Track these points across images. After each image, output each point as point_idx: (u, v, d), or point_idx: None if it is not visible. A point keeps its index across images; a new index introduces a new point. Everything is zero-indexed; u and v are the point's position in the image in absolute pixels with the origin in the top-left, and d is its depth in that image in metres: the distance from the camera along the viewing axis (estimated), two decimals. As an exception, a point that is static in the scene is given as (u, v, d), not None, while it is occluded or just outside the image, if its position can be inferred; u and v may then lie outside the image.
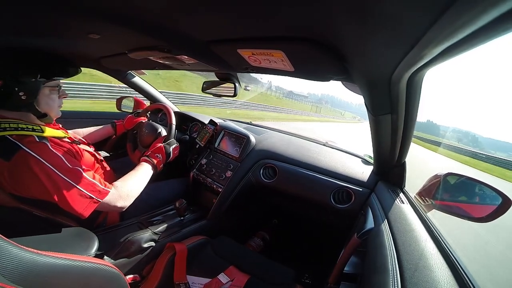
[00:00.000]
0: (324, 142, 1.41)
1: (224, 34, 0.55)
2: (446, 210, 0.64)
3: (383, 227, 0.63)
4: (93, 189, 0.70)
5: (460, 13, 0.22)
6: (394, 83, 0.48)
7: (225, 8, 0.41)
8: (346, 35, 0.39)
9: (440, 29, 0.26)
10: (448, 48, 0.31)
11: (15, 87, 0.66)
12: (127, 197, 0.79)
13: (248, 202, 1.30)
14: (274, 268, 0.89)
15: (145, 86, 1.57)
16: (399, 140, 0.72)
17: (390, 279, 0.44)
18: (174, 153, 1.08)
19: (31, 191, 0.65)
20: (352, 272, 0.68)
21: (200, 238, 0.97)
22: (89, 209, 0.69)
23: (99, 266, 0.49)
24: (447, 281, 0.41)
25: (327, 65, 0.56)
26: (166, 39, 0.61)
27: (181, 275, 0.78)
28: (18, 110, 0.70)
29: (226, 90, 1.09)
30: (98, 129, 1.19)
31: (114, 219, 0.94)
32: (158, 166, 0.98)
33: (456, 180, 0.67)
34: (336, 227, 1.13)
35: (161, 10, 0.46)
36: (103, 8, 0.47)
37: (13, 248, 0.36)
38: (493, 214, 0.55)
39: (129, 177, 0.85)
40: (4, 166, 0.62)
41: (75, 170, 0.69)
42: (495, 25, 0.23)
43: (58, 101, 0.79)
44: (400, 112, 0.59)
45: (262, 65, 0.65)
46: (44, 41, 0.72)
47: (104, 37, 0.66)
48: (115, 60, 1.01)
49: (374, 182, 1.00)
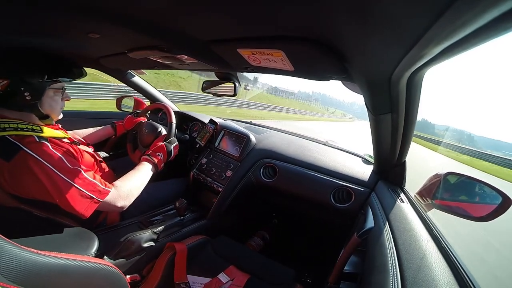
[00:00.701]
0: (325, 142, 1.41)
1: (224, 33, 0.54)
2: (446, 209, 0.64)
3: (383, 227, 0.63)
4: (94, 189, 0.70)
5: (460, 13, 0.22)
6: (394, 82, 0.48)
7: (225, 8, 0.40)
8: (346, 35, 0.39)
9: (440, 28, 0.26)
10: (448, 48, 0.31)
11: (21, 87, 0.66)
12: (127, 197, 0.80)
13: (248, 201, 1.30)
14: (274, 267, 0.89)
15: (145, 85, 1.57)
16: (399, 139, 0.72)
17: (390, 279, 0.44)
18: (174, 151, 1.08)
19: (32, 191, 0.65)
20: (352, 272, 0.68)
21: (200, 237, 0.97)
22: (90, 209, 0.69)
23: (99, 266, 0.49)
24: (447, 281, 0.41)
25: (327, 65, 0.56)
26: (166, 39, 0.61)
27: (182, 275, 0.78)
28: (20, 110, 0.70)
29: (226, 89, 1.09)
30: (98, 129, 1.19)
31: (114, 219, 0.94)
32: (159, 165, 0.98)
33: (456, 179, 0.67)
34: (336, 226, 1.13)
35: (161, 9, 0.46)
36: (103, 8, 0.47)
37: (13, 248, 0.36)
38: (493, 213, 0.55)
39: (129, 177, 0.85)
40: (4, 167, 0.62)
41: (75, 170, 0.69)
42: (495, 25, 0.23)
43: (61, 104, 0.79)
44: (400, 112, 0.59)
45: (262, 64, 0.64)
46: (44, 41, 0.72)
47: (104, 36, 0.66)
48: (115, 59, 1.01)
49: (374, 181, 1.00)
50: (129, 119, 1.27)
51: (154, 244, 0.87)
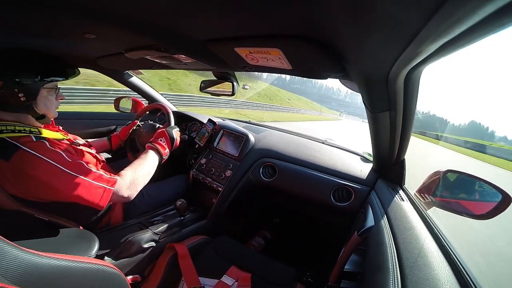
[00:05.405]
0: (323, 140, 1.41)
1: (221, 33, 0.54)
2: (446, 207, 0.64)
3: (383, 225, 0.63)
4: (102, 179, 0.70)
5: (455, 9, 0.22)
6: (391, 80, 0.47)
7: (222, 7, 0.40)
8: (342, 33, 0.39)
9: (435, 25, 0.26)
10: (444, 45, 0.31)
11: (15, 88, 0.66)
12: (132, 185, 0.78)
13: (248, 201, 1.30)
14: (275, 267, 0.89)
15: (142, 86, 1.57)
16: (398, 137, 0.72)
17: (390, 277, 0.44)
18: (178, 138, 1.03)
19: (37, 191, 0.64)
20: (352, 271, 0.68)
21: (200, 238, 0.97)
22: (105, 199, 0.68)
23: (100, 267, 0.49)
24: (447, 279, 0.41)
25: (324, 63, 0.56)
26: (162, 39, 0.61)
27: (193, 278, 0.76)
28: (16, 112, 0.70)
29: (224, 89, 1.09)
30: (94, 140, 1.16)
31: (117, 221, 0.94)
32: (163, 151, 0.94)
33: (455, 177, 0.67)
34: (336, 225, 1.13)
35: (157, 9, 0.46)
36: (99, 8, 0.47)
37: (14, 249, 0.36)
38: (493, 211, 0.55)
39: (133, 166, 0.83)
40: (5, 167, 0.62)
41: (78, 164, 0.69)
42: (491, 21, 0.23)
43: (56, 103, 0.79)
44: (398, 109, 0.59)
45: (259, 63, 0.64)
46: (41, 41, 0.72)
47: (100, 37, 0.66)
48: (112, 60, 1.01)
49: (374, 179, 1.00)
50: (123, 129, 1.23)
51: (154, 245, 0.87)
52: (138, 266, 0.81)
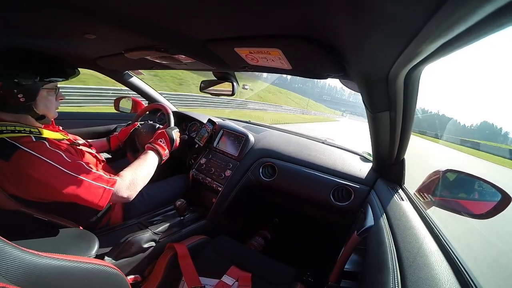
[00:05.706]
0: (323, 140, 1.41)
1: (221, 33, 0.54)
2: (445, 206, 0.64)
3: (383, 225, 0.63)
4: (101, 179, 0.70)
5: (455, 9, 0.22)
6: (391, 80, 0.47)
7: (222, 7, 0.40)
8: (343, 33, 0.39)
9: (435, 25, 0.26)
10: (444, 44, 0.31)
11: (14, 89, 0.66)
12: (132, 186, 0.78)
13: (248, 201, 1.30)
14: (274, 267, 0.89)
15: (142, 86, 1.57)
16: (397, 137, 0.72)
17: (390, 277, 0.44)
18: (177, 139, 1.03)
19: (36, 191, 0.64)
20: (352, 270, 0.68)
21: (200, 237, 0.97)
22: (105, 199, 0.68)
23: (100, 267, 0.49)
24: (447, 278, 0.41)
25: (324, 63, 0.56)
26: (162, 39, 0.61)
27: (194, 278, 0.76)
28: (16, 112, 0.70)
29: (224, 89, 1.09)
30: (93, 141, 1.15)
31: (117, 221, 0.94)
32: (163, 151, 0.94)
33: (455, 176, 0.67)
34: (336, 225, 1.13)
35: (157, 9, 0.46)
36: (99, 8, 0.47)
37: (14, 250, 0.36)
38: (493, 211, 0.55)
39: (133, 166, 0.84)
40: (4, 167, 0.62)
41: (78, 164, 0.69)
42: (490, 21, 0.23)
43: (56, 103, 0.79)
44: (398, 109, 0.59)
45: (259, 63, 0.64)
46: (40, 42, 0.72)
47: (100, 37, 0.66)
48: (112, 60, 1.00)
49: (374, 179, 1.00)
50: (122, 130, 1.23)
51: (154, 245, 0.87)
52: (138, 266, 0.81)
